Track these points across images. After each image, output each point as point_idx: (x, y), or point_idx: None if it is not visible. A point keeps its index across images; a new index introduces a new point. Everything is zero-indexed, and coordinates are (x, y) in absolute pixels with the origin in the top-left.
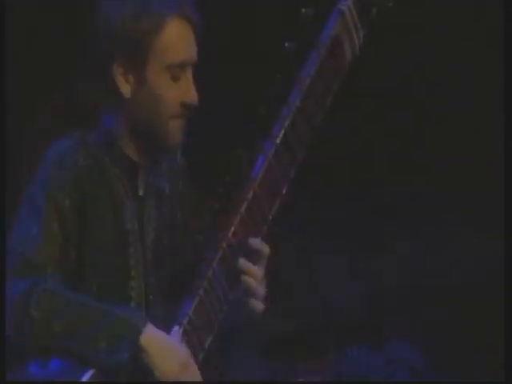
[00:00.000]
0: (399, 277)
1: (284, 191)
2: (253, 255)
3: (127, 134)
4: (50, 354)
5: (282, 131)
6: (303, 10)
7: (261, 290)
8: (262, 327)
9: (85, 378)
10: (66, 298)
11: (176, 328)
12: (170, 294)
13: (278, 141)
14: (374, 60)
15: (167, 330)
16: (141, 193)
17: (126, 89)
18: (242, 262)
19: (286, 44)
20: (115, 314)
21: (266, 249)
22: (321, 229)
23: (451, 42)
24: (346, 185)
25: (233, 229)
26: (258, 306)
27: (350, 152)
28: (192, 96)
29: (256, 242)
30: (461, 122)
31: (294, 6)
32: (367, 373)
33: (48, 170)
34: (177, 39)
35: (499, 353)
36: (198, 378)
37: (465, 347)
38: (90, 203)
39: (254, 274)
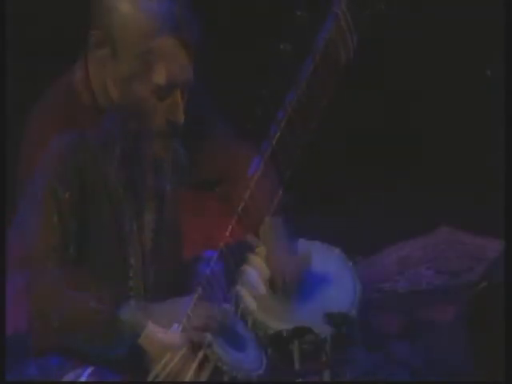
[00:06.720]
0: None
1: (280, 191)
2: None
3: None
4: (48, 350)
5: (278, 133)
6: (298, 12)
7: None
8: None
9: (84, 377)
10: (66, 293)
11: (175, 326)
12: (169, 293)
13: (274, 142)
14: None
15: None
16: (140, 193)
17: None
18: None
19: (282, 45)
20: (115, 314)
21: (262, 247)
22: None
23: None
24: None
25: (230, 228)
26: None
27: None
28: (177, 116)
29: (253, 241)
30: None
31: (290, 8)
32: (367, 373)
33: (49, 164)
34: (167, 60)
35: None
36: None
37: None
38: (89, 201)
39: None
